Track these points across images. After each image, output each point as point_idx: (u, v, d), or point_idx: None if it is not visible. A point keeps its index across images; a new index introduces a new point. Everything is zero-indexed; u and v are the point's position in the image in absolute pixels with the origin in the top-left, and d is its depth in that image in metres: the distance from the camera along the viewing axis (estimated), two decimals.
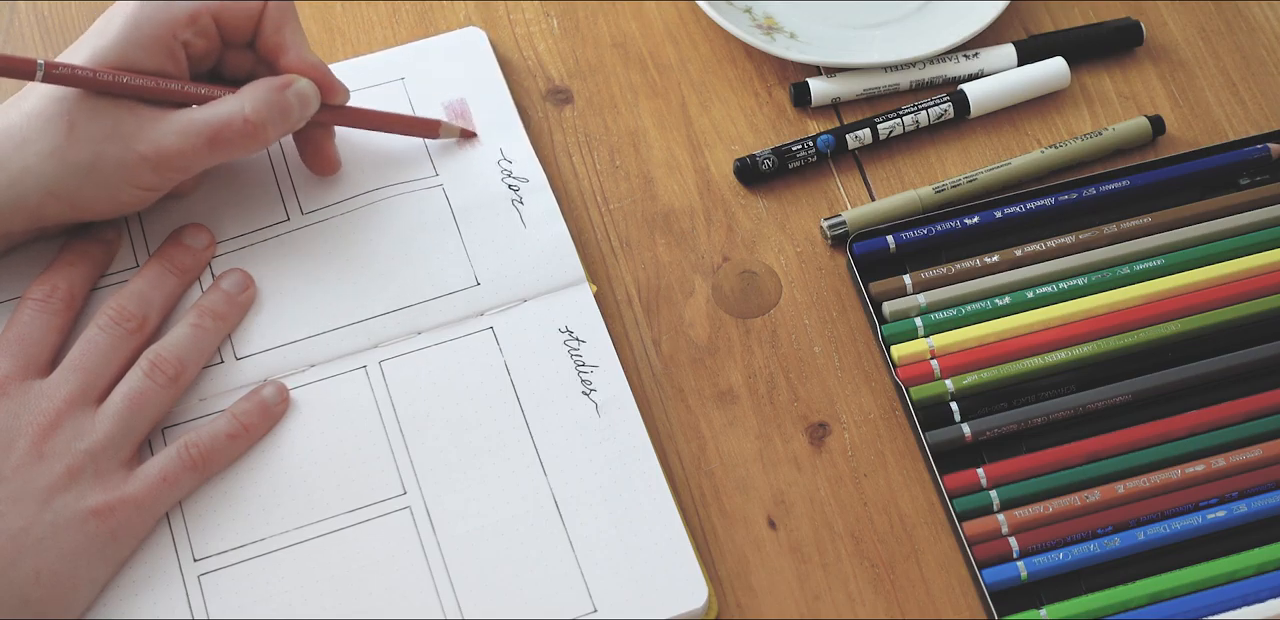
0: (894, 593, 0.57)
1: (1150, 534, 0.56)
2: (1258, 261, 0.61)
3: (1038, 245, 0.62)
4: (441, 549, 0.56)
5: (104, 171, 0.56)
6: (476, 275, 0.61)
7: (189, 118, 0.56)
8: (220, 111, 0.56)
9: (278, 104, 0.57)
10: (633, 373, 0.61)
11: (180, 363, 0.57)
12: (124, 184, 0.56)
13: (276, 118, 0.57)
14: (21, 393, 0.55)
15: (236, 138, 0.57)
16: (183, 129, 0.56)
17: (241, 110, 0.56)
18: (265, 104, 0.57)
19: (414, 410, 0.59)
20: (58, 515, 0.53)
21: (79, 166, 0.55)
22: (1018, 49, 0.67)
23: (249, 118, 0.56)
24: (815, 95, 0.66)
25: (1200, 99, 0.67)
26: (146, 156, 0.56)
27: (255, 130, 0.57)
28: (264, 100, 0.57)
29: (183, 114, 0.56)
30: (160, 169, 0.56)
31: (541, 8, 0.70)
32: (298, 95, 0.58)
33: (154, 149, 0.56)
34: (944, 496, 0.57)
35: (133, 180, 0.56)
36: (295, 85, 0.58)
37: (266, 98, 0.57)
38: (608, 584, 0.55)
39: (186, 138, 0.56)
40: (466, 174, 0.64)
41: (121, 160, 0.55)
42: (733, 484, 0.59)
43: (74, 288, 0.59)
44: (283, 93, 0.58)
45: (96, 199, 0.57)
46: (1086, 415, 0.59)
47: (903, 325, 0.61)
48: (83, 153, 0.55)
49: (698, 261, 0.64)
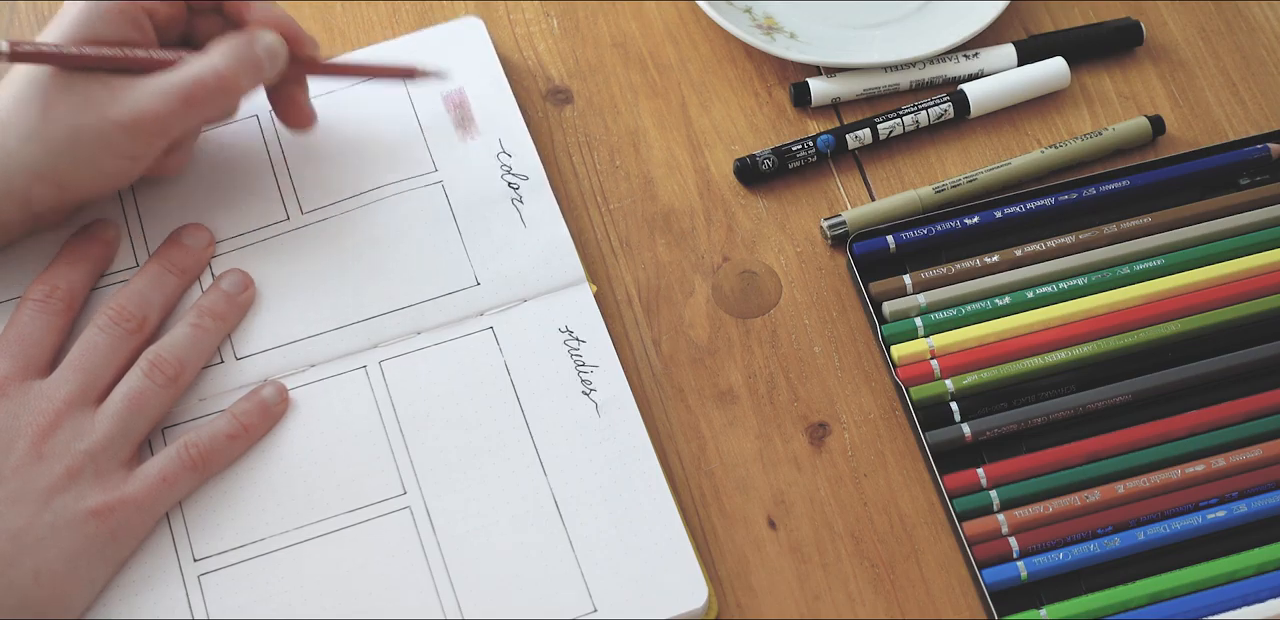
0: (894, 593, 0.57)
1: (1150, 534, 0.56)
2: (1258, 261, 0.61)
3: (1038, 245, 0.62)
4: (441, 549, 0.56)
5: (84, 145, 0.56)
6: (476, 275, 0.61)
7: (162, 80, 0.56)
8: (191, 70, 0.57)
9: (248, 58, 0.58)
10: (633, 373, 0.61)
11: (180, 363, 0.57)
12: (106, 155, 0.56)
13: (248, 70, 0.58)
14: (21, 393, 0.55)
15: (211, 94, 0.57)
16: (156, 91, 0.56)
17: (213, 66, 0.57)
18: (235, 58, 0.57)
19: (414, 410, 0.59)
20: (57, 516, 0.53)
21: (59, 143, 0.55)
22: (1018, 49, 0.67)
23: (221, 72, 0.57)
24: (815, 95, 0.66)
25: (1200, 99, 0.67)
26: (122, 123, 0.56)
27: (228, 85, 0.57)
28: (233, 55, 0.57)
29: (155, 77, 0.57)
30: (138, 134, 0.56)
31: (541, 8, 0.70)
32: (266, 48, 0.58)
33: (129, 114, 0.56)
34: (944, 496, 0.57)
35: (113, 150, 0.56)
36: (262, 38, 0.58)
37: (235, 52, 0.57)
38: (608, 584, 0.55)
39: (160, 98, 0.56)
40: (466, 168, 0.63)
41: (99, 130, 0.55)
42: (733, 484, 0.59)
43: (74, 288, 0.59)
44: (251, 46, 0.58)
45: (82, 175, 0.57)
46: (1086, 415, 0.59)
47: (903, 325, 0.61)
48: (60, 129, 0.55)
49: (698, 261, 0.64)
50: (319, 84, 0.65)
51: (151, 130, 0.57)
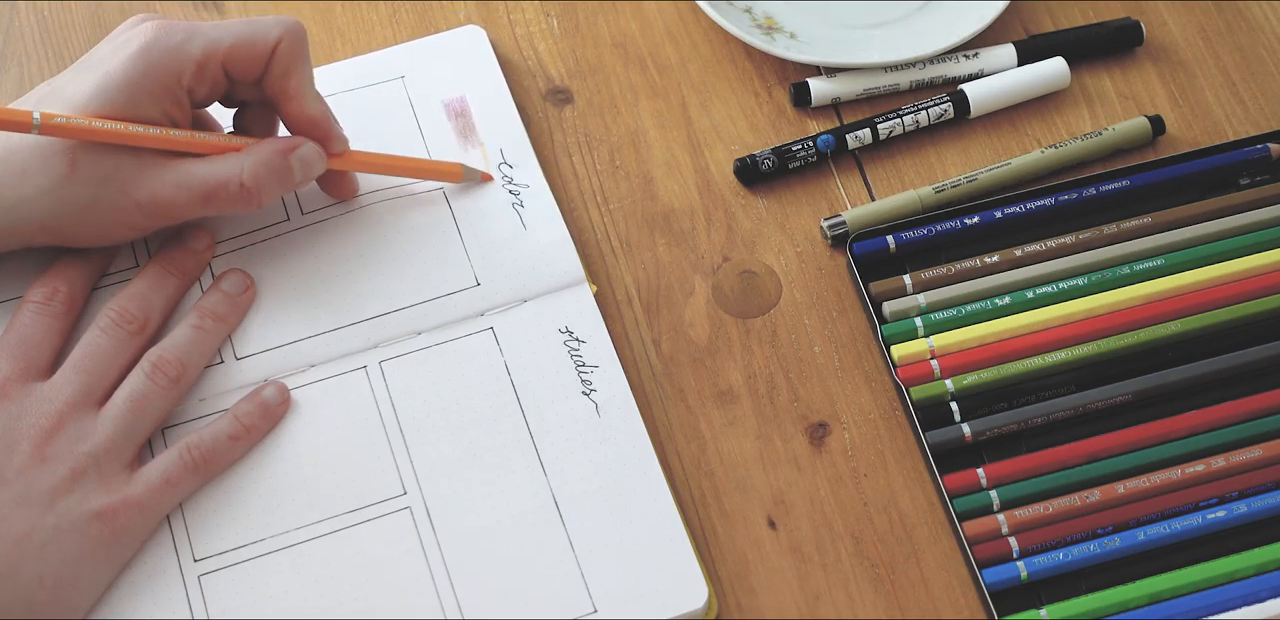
0: (894, 593, 0.57)
1: (1150, 534, 0.56)
2: (1258, 261, 0.61)
3: (1038, 245, 0.62)
4: (441, 549, 0.56)
5: (98, 212, 0.56)
6: (476, 275, 0.61)
7: (188, 171, 0.56)
8: (219, 171, 0.56)
9: (278, 169, 0.57)
10: (633, 373, 0.61)
11: (182, 364, 0.58)
12: (115, 224, 0.57)
13: (274, 183, 0.57)
14: (23, 395, 0.55)
15: (230, 199, 0.57)
16: (180, 181, 0.56)
17: (240, 173, 0.56)
18: (265, 169, 0.57)
19: (414, 410, 0.59)
20: (61, 518, 0.53)
21: (75, 206, 0.55)
22: (1018, 49, 0.67)
23: (245, 183, 0.56)
24: (815, 95, 0.66)
25: (1200, 99, 0.67)
26: (140, 203, 0.56)
27: (249, 195, 0.57)
28: (264, 165, 0.57)
29: (183, 165, 0.56)
30: (152, 216, 0.57)
31: (541, 8, 0.70)
32: (300, 160, 0.58)
33: (149, 197, 0.56)
34: (944, 496, 0.57)
35: (125, 221, 0.57)
36: (299, 151, 0.58)
37: (267, 162, 0.57)
38: (608, 584, 0.55)
39: (181, 191, 0.56)
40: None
41: (116, 203, 0.56)
42: (733, 484, 0.59)
43: (74, 290, 0.59)
44: (285, 158, 0.57)
45: (86, 234, 0.57)
46: (1086, 415, 0.59)
47: (903, 325, 0.61)
48: (81, 194, 0.55)
49: (698, 261, 0.64)
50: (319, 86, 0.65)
51: (165, 214, 0.57)
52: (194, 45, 0.56)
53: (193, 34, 0.56)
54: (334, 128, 0.59)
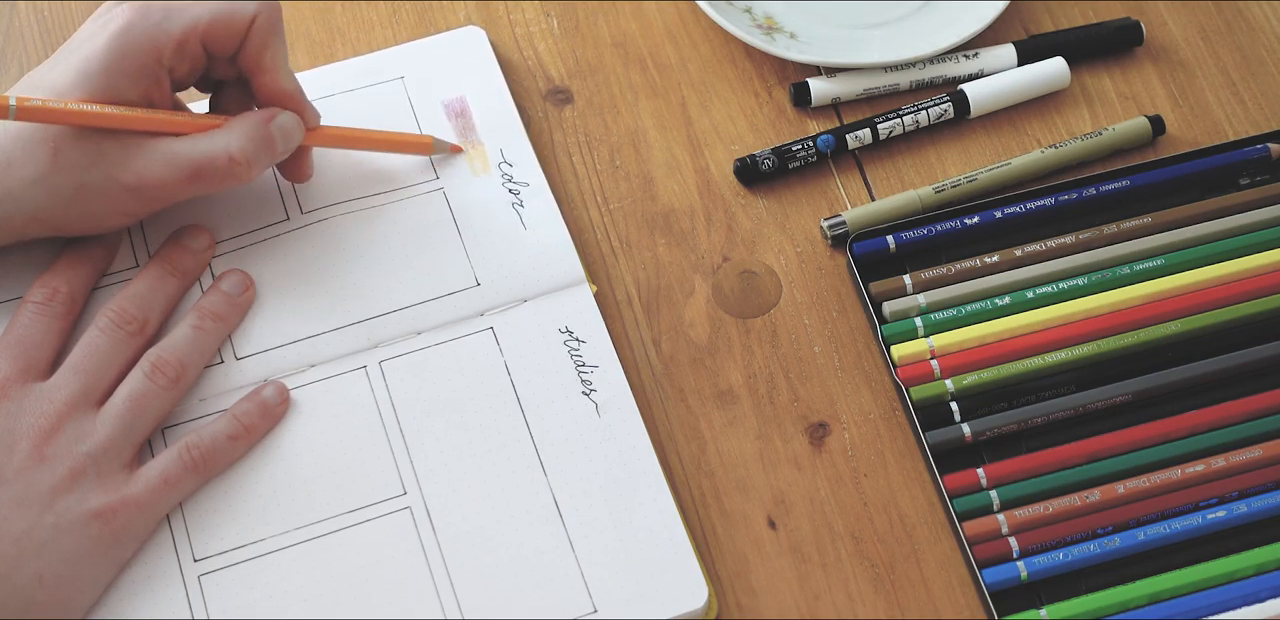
0: (894, 593, 0.57)
1: (1150, 534, 0.56)
2: (1258, 261, 0.61)
3: (1038, 245, 0.62)
4: (441, 549, 0.56)
5: (87, 199, 0.56)
6: (476, 275, 0.61)
7: (173, 150, 0.56)
8: (204, 146, 0.56)
9: (263, 139, 0.57)
10: (633, 373, 0.61)
11: (181, 364, 0.57)
12: (107, 209, 0.57)
13: (262, 154, 0.57)
14: (22, 395, 0.55)
15: (219, 174, 0.56)
16: (167, 160, 0.56)
17: (227, 147, 0.56)
18: (250, 141, 0.57)
19: (414, 410, 0.59)
20: (60, 518, 0.53)
21: (63, 194, 0.55)
22: (1018, 49, 0.67)
23: (234, 156, 0.56)
24: (815, 95, 0.66)
25: (1200, 99, 0.67)
26: (129, 186, 0.56)
27: (239, 168, 0.57)
28: (249, 137, 0.57)
29: (168, 144, 0.56)
30: (143, 198, 0.56)
31: (541, 8, 0.70)
32: (280, 129, 0.58)
33: (137, 179, 0.55)
34: (944, 496, 0.57)
35: (116, 207, 0.57)
36: (278, 119, 0.58)
37: (252, 133, 0.57)
38: (608, 584, 0.55)
39: (169, 170, 0.56)
40: (467, 177, 0.64)
41: (105, 189, 0.55)
42: (733, 484, 0.59)
43: (74, 290, 0.59)
44: (266, 126, 0.57)
45: (80, 223, 0.57)
46: (1086, 415, 0.59)
47: (903, 325, 0.61)
48: (66, 181, 0.55)
49: (698, 261, 0.64)
50: (318, 87, 0.65)
51: (155, 196, 0.57)
52: (173, 23, 0.56)
53: (170, 12, 0.56)
54: (307, 102, 0.60)
